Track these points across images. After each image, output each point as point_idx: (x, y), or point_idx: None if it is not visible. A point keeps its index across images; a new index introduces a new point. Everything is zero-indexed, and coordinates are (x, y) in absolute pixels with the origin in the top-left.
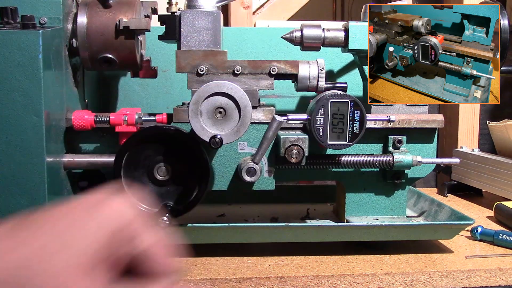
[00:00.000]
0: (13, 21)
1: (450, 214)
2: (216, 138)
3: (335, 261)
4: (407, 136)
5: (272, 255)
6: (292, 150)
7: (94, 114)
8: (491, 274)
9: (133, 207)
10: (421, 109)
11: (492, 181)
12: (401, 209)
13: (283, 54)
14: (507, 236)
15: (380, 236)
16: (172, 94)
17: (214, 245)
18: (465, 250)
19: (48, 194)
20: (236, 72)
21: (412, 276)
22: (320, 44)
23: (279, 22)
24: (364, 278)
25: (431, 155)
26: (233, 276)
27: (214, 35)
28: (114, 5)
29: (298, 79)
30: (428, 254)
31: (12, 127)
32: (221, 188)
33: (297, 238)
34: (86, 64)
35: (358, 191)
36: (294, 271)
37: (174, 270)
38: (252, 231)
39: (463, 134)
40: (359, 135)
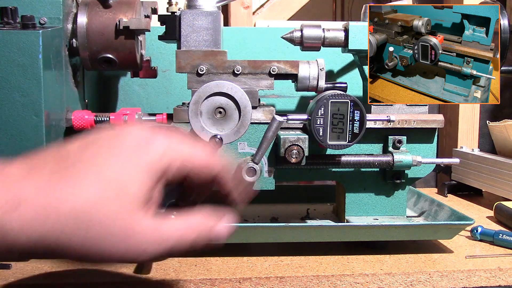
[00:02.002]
0: (13, 21)
1: (450, 214)
2: (216, 138)
3: (335, 261)
4: (407, 136)
5: (272, 255)
6: (292, 150)
7: (94, 114)
8: (491, 274)
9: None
10: (421, 109)
11: (492, 181)
12: (401, 209)
13: (283, 54)
14: (507, 236)
15: (380, 236)
16: (172, 94)
17: (214, 245)
18: (465, 250)
19: None
20: (236, 72)
21: (412, 276)
22: (320, 44)
23: (279, 22)
24: (364, 278)
25: (431, 155)
26: (233, 276)
27: (214, 35)
28: (114, 5)
29: (298, 79)
30: (428, 254)
31: (12, 127)
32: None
33: (297, 238)
34: (86, 64)
35: (358, 191)
36: (294, 271)
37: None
38: (252, 231)
39: (463, 134)
40: (359, 135)
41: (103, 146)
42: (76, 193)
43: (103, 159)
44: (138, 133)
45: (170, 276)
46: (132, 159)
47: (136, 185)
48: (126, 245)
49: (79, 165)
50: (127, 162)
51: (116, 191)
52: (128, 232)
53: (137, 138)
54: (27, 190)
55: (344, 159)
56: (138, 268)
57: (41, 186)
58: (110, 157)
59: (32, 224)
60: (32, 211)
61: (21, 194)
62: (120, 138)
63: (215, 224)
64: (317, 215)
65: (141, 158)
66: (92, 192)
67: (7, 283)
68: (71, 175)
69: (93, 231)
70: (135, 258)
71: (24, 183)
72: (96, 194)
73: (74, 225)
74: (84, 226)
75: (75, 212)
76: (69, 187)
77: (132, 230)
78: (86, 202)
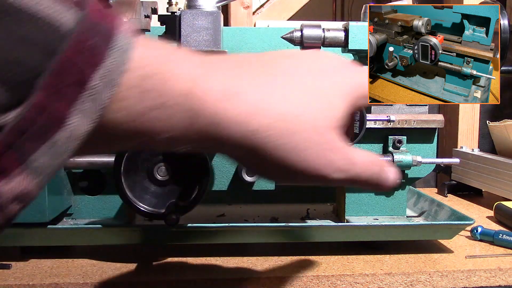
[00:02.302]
0: None
1: (450, 214)
2: None
3: (335, 261)
4: (407, 136)
5: (272, 255)
6: None
7: None
8: (491, 274)
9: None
10: (421, 109)
11: (492, 181)
12: (401, 209)
13: None
14: (507, 236)
15: (380, 236)
16: None
17: (214, 245)
18: (465, 250)
19: (48, 194)
20: None
21: (412, 276)
22: (320, 44)
23: (279, 22)
24: (364, 278)
25: (431, 155)
26: (233, 276)
27: (214, 35)
28: (114, 5)
29: None
30: (428, 254)
31: None
32: (221, 188)
33: (297, 238)
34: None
35: (358, 191)
36: (294, 271)
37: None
38: (252, 231)
39: (463, 134)
40: (359, 135)
41: (306, 62)
42: (286, 99)
43: (309, 73)
44: (336, 57)
45: (170, 276)
46: (336, 79)
47: (341, 105)
48: (327, 158)
49: (287, 73)
50: (332, 82)
51: (323, 106)
52: (330, 145)
53: (337, 62)
54: (241, 83)
55: None
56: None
57: (254, 83)
58: (316, 73)
59: (244, 117)
60: (245, 104)
61: (237, 85)
62: (320, 58)
63: (389, 166)
64: (317, 215)
65: (344, 81)
66: (302, 101)
67: (7, 283)
68: (280, 81)
69: (299, 138)
70: (329, 174)
71: (238, 77)
72: (306, 104)
73: (281, 129)
74: (291, 131)
75: (284, 116)
76: (280, 91)
77: (333, 144)
78: (296, 109)
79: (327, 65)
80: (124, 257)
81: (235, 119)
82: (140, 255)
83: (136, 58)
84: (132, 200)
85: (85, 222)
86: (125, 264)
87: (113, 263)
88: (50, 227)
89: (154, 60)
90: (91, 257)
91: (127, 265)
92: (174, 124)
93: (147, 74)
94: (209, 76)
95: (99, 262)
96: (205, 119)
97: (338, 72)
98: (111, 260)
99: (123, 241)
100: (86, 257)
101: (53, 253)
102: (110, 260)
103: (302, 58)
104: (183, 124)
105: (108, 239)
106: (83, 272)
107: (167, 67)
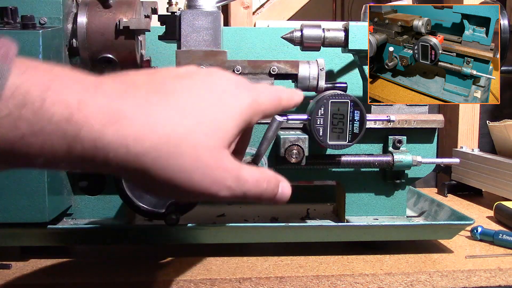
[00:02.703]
0: (13, 21)
1: (450, 214)
2: None
3: (335, 261)
4: (407, 136)
5: (272, 255)
6: (292, 150)
7: None
8: (491, 274)
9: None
10: (421, 109)
11: (492, 181)
12: (401, 209)
13: (283, 54)
14: (507, 236)
15: (380, 236)
16: None
17: (214, 245)
18: (465, 250)
19: (48, 194)
20: (236, 72)
21: (412, 276)
22: (320, 44)
23: (279, 22)
24: (364, 278)
25: (431, 155)
26: (233, 276)
27: (214, 35)
28: (114, 5)
29: (298, 79)
30: (428, 254)
31: None
32: None
33: (297, 238)
34: (86, 64)
35: (358, 191)
36: (294, 271)
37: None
38: (252, 231)
39: (463, 134)
40: (359, 135)
41: (198, 81)
42: (173, 120)
43: (200, 94)
44: (230, 78)
45: (170, 276)
46: (227, 100)
47: (230, 125)
48: (213, 177)
49: (176, 93)
50: (223, 103)
51: (211, 126)
52: (217, 164)
53: (230, 82)
54: (126, 106)
55: (344, 159)
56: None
57: (140, 104)
58: (206, 93)
59: (128, 141)
60: (130, 127)
61: (121, 109)
62: (213, 78)
63: (283, 181)
64: (317, 215)
65: (236, 101)
66: (190, 122)
67: (7, 283)
68: (168, 101)
69: (185, 159)
70: (216, 193)
71: (123, 99)
72: (194, 124)
73: (168, 150)
74: (178, 153)
75: (170, 138)
76: (166, 112)
77: (220, 163)
78: (184, 129)
79: (219, 86)
80: (124, 257)
81: (120, 142)
82: (140, 255)
83: (11, 86)
84: (132, 200)
85: (85, 222)
86: (125, 264)
87: (113, 263)
88: (50, 227)
89: (32, 88)
90: (91, 257)
91: (127, 265)
92: (51, 149)
93: (22, 103)
94: (93, 100)
95: (99, 262)
96: (85, 144)
97: (230, 92)
98: (111, 260)
99: (123, 241)
100: (86, 257)
101: (53, 253)
102: (110, 260)
103: (195, 78)
104: (62, 149)
105: (108, 239)
106: (83, 272)
107: (47, 93)
